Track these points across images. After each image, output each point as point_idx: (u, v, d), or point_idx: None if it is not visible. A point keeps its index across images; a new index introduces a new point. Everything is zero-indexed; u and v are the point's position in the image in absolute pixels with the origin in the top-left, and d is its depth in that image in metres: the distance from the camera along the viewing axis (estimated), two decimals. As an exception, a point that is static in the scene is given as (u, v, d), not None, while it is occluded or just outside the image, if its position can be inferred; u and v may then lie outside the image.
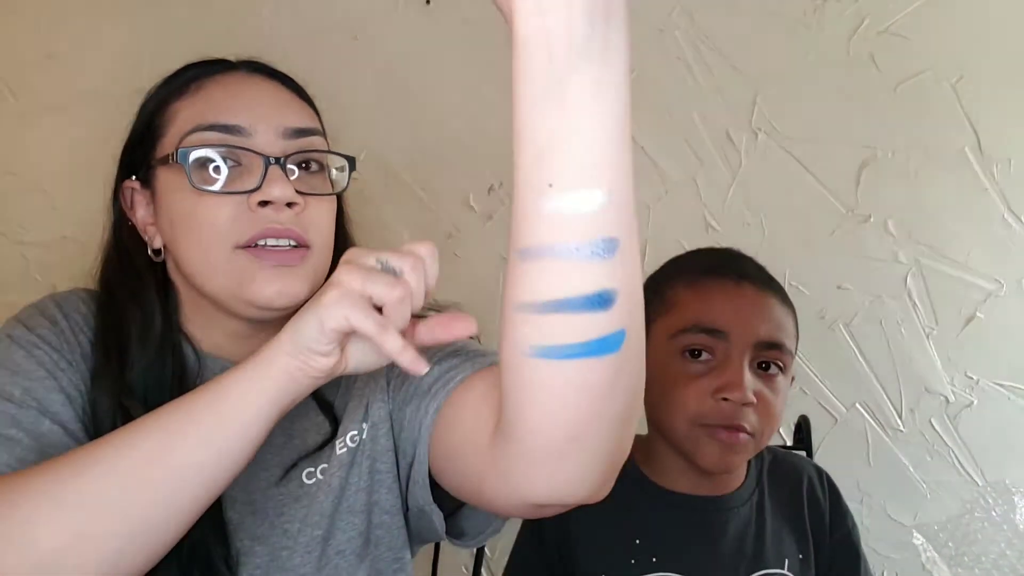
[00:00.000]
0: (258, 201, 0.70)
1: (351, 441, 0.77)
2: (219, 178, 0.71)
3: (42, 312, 0.75)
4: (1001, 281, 1.30)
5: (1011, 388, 1.31)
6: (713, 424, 0.85)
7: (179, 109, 0.75)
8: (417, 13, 1.35)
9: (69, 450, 0.63)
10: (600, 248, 0.44)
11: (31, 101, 1.35)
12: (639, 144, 1.33)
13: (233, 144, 0.71)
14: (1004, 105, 1.29)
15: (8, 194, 1.36)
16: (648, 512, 0.91)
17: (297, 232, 0.72)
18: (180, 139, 0.73)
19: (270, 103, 0.76)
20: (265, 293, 0.71)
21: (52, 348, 0.71)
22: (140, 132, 0.79)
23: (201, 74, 0.77)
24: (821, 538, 0.95)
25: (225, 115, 0.73)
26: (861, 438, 1.33)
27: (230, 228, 0.70)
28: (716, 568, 0.89)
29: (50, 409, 0.68)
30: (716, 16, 1.32)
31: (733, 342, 0.85)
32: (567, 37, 0.44)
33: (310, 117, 0.79)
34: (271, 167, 0.71)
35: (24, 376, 0.69)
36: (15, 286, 1.35)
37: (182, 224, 0.72)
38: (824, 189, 1.31)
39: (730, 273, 0.88)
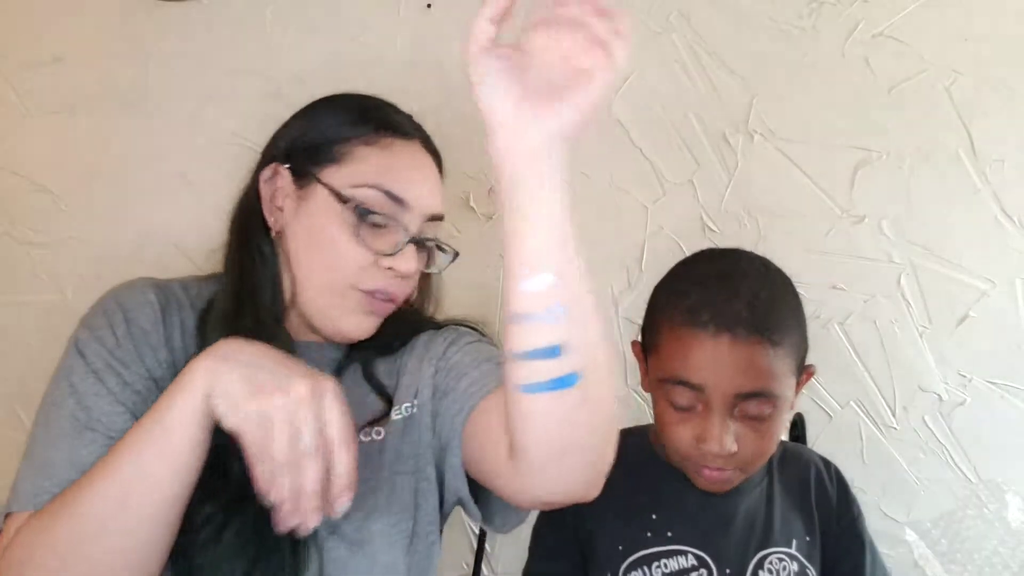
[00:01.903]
0: (388, 265, 0.84)
1: (405, 411, 0.87)
2: (369, 231, 0.83)
3: (104, 310, 0.81)
4: (994, 281, 1.32)
5: (1003, 386, 1.32)
6: (699, 464, 0.89)
7: (365, 155, 0.85)
8: (418, 14, 1.36)
9: None
10: (553, 315, 0.60)
11: (37, 103, 1.37)
12: (637, 146, 1.34)
13: (393, 215, 0.84)
14: (997, 107, 1.30)
15: (14, 195, 1.37)
16: (664, 489, 0.94)
17: (398, 295, 0.86)
18: (356, 183, 0.84)
19: (429, 186, 0.89)
20: (351, 329, 0.85)
21: (106, 348, 0.78)
22: (316, 142, 0.87)
23: (392, 131, 0.88)
24: (828, 524, 0.98)
25: (400, 187, 0.84)
26: (855, 435, 1.34)
27: (357, 273, 0.83)
28: (728, 545, 0.92)
29: (101, 420, 0.75)
30: (712, 19, 1.33)
31: (710, 396, 0.85)
32: (519, 158, 0.60)
33: (443, 201, 0.91)
34: (410, 245, 0.85)
35: (84, 395, 0.76)
36: (22, 286, 1.37)
37: (320, 244, 0.84)
38: (819, 190, 1.33)
39: (709, 324, 0.84)
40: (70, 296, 1.37)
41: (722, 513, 0.93)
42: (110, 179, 1.36)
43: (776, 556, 0.93)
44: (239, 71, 1.35)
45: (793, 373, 0.88)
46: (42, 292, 1.37)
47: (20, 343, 1.34)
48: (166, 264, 1.34)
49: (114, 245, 1.35)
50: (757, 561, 0.92)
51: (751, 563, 0.91)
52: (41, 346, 0.86)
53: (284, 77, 1.35)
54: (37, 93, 1.37)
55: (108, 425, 0.75)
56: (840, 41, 1.32)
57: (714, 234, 1.34)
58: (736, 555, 0.91)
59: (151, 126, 1.37)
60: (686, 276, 0.93)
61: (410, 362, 0.91)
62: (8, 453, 1.11)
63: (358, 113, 0.88)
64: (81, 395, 0.76)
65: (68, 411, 0.75)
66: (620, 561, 0.91)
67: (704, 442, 0.85)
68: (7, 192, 1.37)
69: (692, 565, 0.90)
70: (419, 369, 0.89)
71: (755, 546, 0.93)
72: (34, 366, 0.85)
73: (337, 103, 0.91)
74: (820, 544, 0.97)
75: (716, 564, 0.91)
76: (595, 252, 1.37)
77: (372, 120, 0.88)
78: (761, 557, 0.92)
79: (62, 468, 0.72)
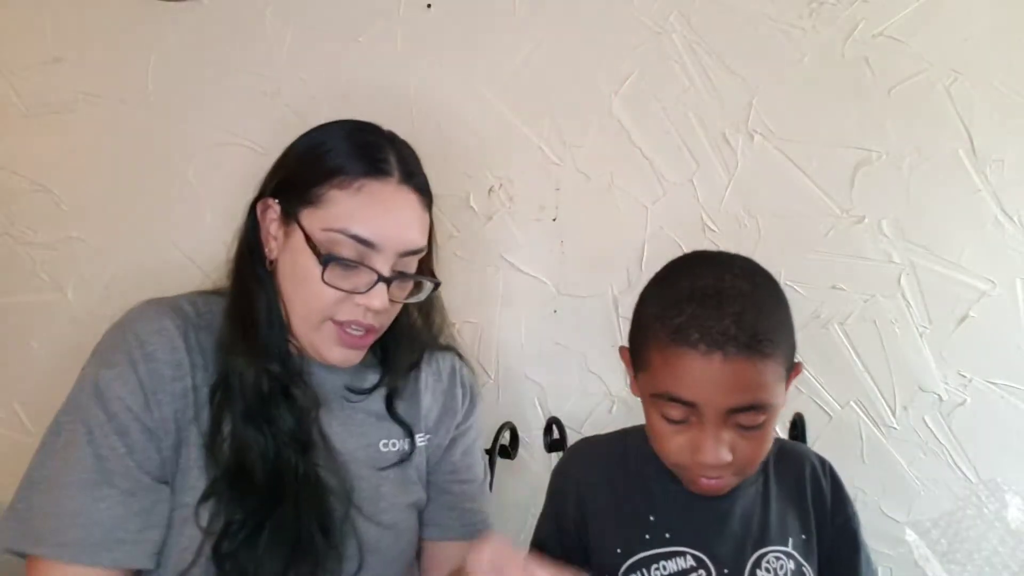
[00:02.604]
0: (359, 302, 0.88)
1: (418, 440, 1.01)
2: (340, 273, 0.87)
3: (124, 345, 0.85)
4: (994, 281, 1.32)
5: (1004, 386, 1.32)
6: (694, 474, 0.88)
7: (337, 199, 0.89)
8: (418, 15, 1.36)
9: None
10: None
11: (38, 103, 1.37)
12: (636, 146, 1.34)
13: (359, 259, 0.88)
14: (997, 107, 1.30)
15: (15, 195, 1.37)
16: (661, 491, 0.94)
17: (375, 326, 0.92)
18: (326, 228, 0.88)
19: (403, 223, 0.92)
20: (332, 358, 0.91)
21: (128, 392, 0.83)
22: (299, 182, 0.91)
23: (366, 172, 0.90)
24: (823, 522, 0.97)
25: (368, 230, 0.88)
26: (855, 435, 1.34)
27: (331, 306, 0.89)
28: (726, 544, 0.92)
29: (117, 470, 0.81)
30: (712, 19, 1.33)
31: (703, 412, 0.84)
32: None
33: (425, 233, 0.96)
34: (379, 283, 0.89)
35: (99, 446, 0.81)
36: (23, 286, 1.37)
37: (299, 279, 0.89)
38: (819, 190, 1.33)
39: (699, 343, 0.83)
40: (70, 296, 1.37)
41: (719, 513, 0.93)
42: (110, 179, 1.37)
43: (773, 555, 0.93)
44: (239, 71, 1.36)
45: (783, 378, 0.87)
46: (42, 292, 1.37)
47: (20, 343, 1.34)
48: (166, 263, 1.34)
49: (114, 245, 1.35)
50: (755, 560, 0.92)
51: (749, 562, 0.91)
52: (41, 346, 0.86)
53: (284, 77, 1.36)
54: (37, 93, 1.37)
55: (123, 481, 0.81)
56: (840, 41, 1.32)
57: (714, 234, 1.34)
58: (734, 555, 0.91)
59: (151, 126, 1.37)
60: (672, 290, 0.90)
61: (428, 391, 1.04)
62: (8, 453, 1.12)
63: (340, 156, 0.91)
64: (99, 446, 0.81)
65: (88, 461, 0.80)
66: (619, 564, 0.91)
67: (698, 454, 0.85)
68: (7, 192, 1.37)
69: (691, 566, 0.90)
70: (438, 412, 1.04)
71: (752, 545, 0.93)
72: (34, 366, 0.85)
73: (326, 140, 0.93)
74: (816, 544, 0.97)
75: (714, 564, 0.91)
76: (595, 252, 1.38)
77: (350, 162, 0.91)
78: (759, 556, 0.92)
79: (83, 525, 0.79)
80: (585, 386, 1.37)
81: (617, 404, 1.37)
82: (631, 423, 1.06)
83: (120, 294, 0.94)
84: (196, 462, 0.85)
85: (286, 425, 0.87)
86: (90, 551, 0.79)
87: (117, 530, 0.80)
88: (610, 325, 1.36)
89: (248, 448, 0.85)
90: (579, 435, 1.35)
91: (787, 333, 0.89)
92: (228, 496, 0.83)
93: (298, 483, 0.86)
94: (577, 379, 1.37)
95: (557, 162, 1.36)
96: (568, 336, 1.37)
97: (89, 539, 0.79)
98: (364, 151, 0.92)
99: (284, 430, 0.87)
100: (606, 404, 1.37)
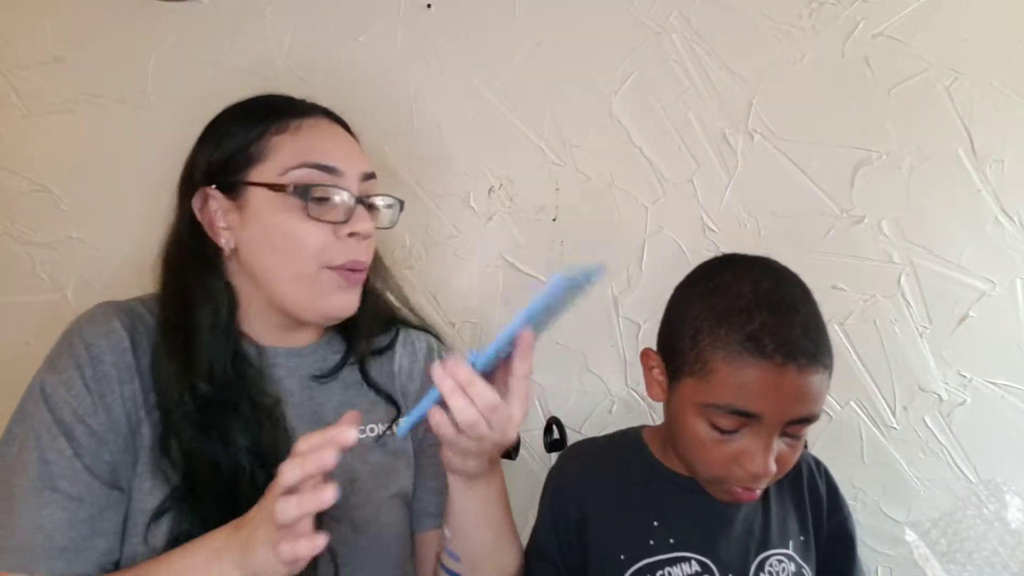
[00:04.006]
0: (347, 232, 0.86)
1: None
2: (318, 208, 0.85)
3: (71, 349, 0.83)
4: (994, 281, 1.32)
5: (1003, 387, 1.32)
6: (731, 484, 0.87)
7: (281, 144, 0.87)
8: (418, 15, 1.36)
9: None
10: None
11: (38, 103, 1.37)
12: (636, 146, 1.34)
13: (331, 183, 0.87)
14: (997, 107, 1.30)
15: (14, 195, 1.37)
16: (665, 496, 0.94)
17: (367, 260, 0.90)
18: (285, 170, 0.86)
19: (350, 150, 0.92)
20: (336, 309, 0.89)
21: (74, 396, 0.80)
22: (232, 152, 0.89)
23: (296, 115, 0.90)
24: (819, 523, 0.98)
25: (325, 157, 0.87)
26: (855, 435, 1.34)
27: (321, 252, 0.86)
28: (729, 549, 0.92)
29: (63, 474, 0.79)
30: (713, 19, 1.33)
31: (766, 424, 0.82)
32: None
33: (367, 158, 0.94)
34: (358, 206, 0.88)
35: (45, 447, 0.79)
36: (22, 286, 1.37)
37: (276, 240, 0.86)
38: (819, 190, 1.33)
39: (775, 352, 0.80)
40: (70, 296, 1.37)
41: (722, 517, 0.93)
42: (110, 179, 1.36)
43: (776, 558, 0.93)
44: (239, 71, 1.35)
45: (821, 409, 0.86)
46: (42, 292, 1.37)
47: (19, 343, 1.34)
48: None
49: (114, 245, 1.35)
50: (758, 564, 0.92)
51: (752, 566, 0.91)
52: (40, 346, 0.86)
53: (284, 77, 1.35)
54: (37, 93, 1.37)
55: (69, 485, 0.78)
56: (840, 41, 1.32)
57: (714, 234, 1.34)
58: (738, 559, 0.91)
59: (151, 126, 1.37)
60: (730, 295, 0.86)
61: (405, 366, 1.01)
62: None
63: (257, 112, 0.91)
64: (45, 449, 0.78)
65: (34, 467, 0.78)
66: (622, 570, 0.91)
67: (749, 463, 0.83)
68: (7, 192, 1.37)
69: (696, 571, 0.90)
70: (415, 392, 1.00)
71: (755, 549, 0.93)
72: (33, 366, 0.85)
73: (232, 114, 0.93)
74: (814, 545, 0.97)
75: (719, 569, 0.91)
76: (594, 252, 1.38)
77: (272, 113, 0.90)
78: (762, 559, 0.92)
79: (26, 531, 0.76)
80: (585, 386, 1.37)
81: (617, 404, 1.36)
82: (631, 423, 1.06)
83: (120, 295, 0.93)
84: (148, 467, 0.81)
85: (240, 433, 0.83)
86: (27, 559, 0.75)
87: (59, 537, 0.76)
88: (610, 325, 1.36)
89: (198, 460, 0.81)
90: (579, 435, 1.35)
91: (830, 372, 0.87)
92: (180, 509, 0.79)
93: (255, 492, 0.78)
94: (577, 379, 1.37)
95: (557, 162, 1.36)
96: (568, 336, 1.37)
97: (29, 546, 0.75)
98: (278, 103, 0.93)
99: (238, 438, 0.83)
100: (606, 404, 1.37)
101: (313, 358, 0.95)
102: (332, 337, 0.98)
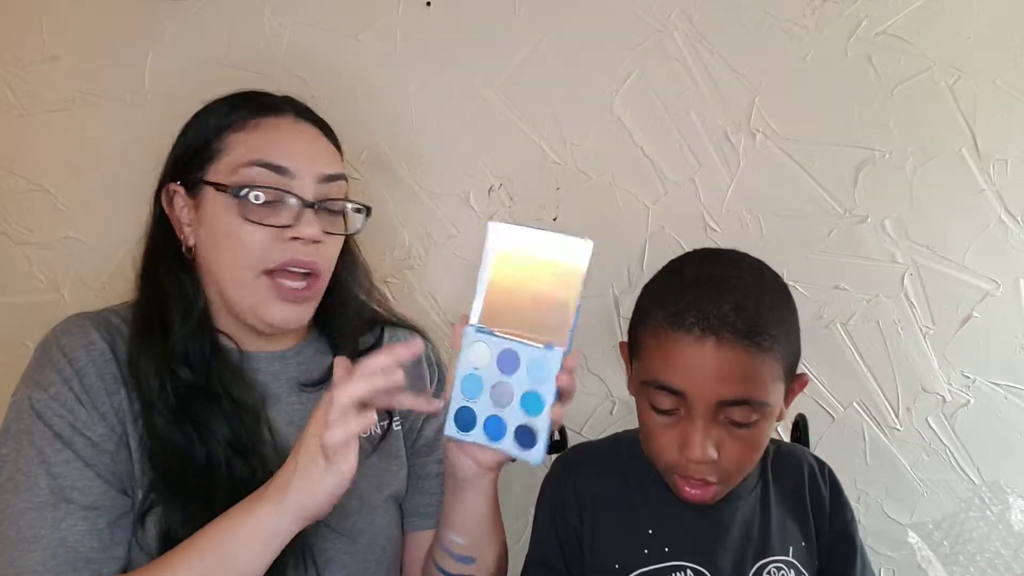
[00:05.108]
0: (291, 236, 0.83)
1: (395, 426, 0.97)
2: (261, 209, 0.83)
3: (53, 364, 0.81)
4: (998, 281, 1.31)
5: (1007, 387, 1.32)
6: (682, 474, 0.86)
7: (237, 141, 0.86)
8: (418, 13, 1.35)
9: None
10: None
11: (34, 102, 1.36)
12: (637, 145, 1.33)
13: (277, 186, 0.84)
14: (1001, 106, 1.29)
15: (11, 194, 1.36)
16: (659, 504, 0.92)
17: (317, 263, 0.86)
18: (235, 168, 0.84)
19: (311, 151, 0.88)
20: (275, 317, 0.85)
21: (67, 410, 0.79)
22: (195, 148, 0.88)
23: (259, 112, 0.88)
24: (822, 526, 0.96)
25: (276, 157, 0.85)
26: (858, 437, 1.34)
27: (262, 254, 0.83)
28: (726, 556, 0.90)
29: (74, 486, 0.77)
30: (715, 18, 1.32)
31: (691, 402, 0.82)
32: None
33: (339, 163, 0.92)
34: (306, 210, 0.84)
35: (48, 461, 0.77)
36: (18, 286, 1.36)
37: (223, 241, 0.84)
38: (822, 190, 1.32)
39: (694, 326, 0.81)
40: (67, 296, 1.36)
41: (718, 523, 0.91)
42: (107, 178, 1.36)
43: (775, 565, 0.91)
44: (237, 69, 1.34)
45: (781, 379, 0.85)
46: (39, 292, 1.36)
47: (16, 344, 1.33)
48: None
49: (111, 245, 1.34)
50: (755, 572, 0.90)
51: (749, 574, 0.90)
52: (37, 347, 0.87)
53: (282, 76, 1.35)
54: (34, 92, 1.36)
55: (82, 496, 0.77)
56: (843, 39, 1.31)
57: (716, 233, 1.33)
58: (735, 567, 0.90)
59: (149, 125, 1.36)
60: (674, 277, 0.90)
61: None
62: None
63: (225, 108, 0.89)
64: (52, 464, 0.77)
65: (42, 484, 0.76)
66: None
67: (684, 447, 0.83)
68: (4, 191, 1.36)
69: None
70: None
71: (753, 556, 0.91)
72: (29, 367, 0.84)
73: (206, 108, 0.92)
74: (817, 550, 0.95)
75: None
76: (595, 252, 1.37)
77: (238, 109, 0.89)
78: (759, 567, 0.91)
79: (47, 547, 0.74)
80: (585, 387, 1.36)
81: (618, 405, 1.36)
82: (632, 425, 1.05)
83: (116, 295, 0.93)
84: (141, 473, 0.80)
85: (219, 425, 0.82)
86: (55, 574, 0.74)
87: (82, 548, 0.75)
88: (610, 325, 1.36)
89: (171, 450, 0.79)
90: (579, 435, 1.34)
91: (789, 332, 0.87)
92: (162, 505, 0.78)
93: (233, 485, 0.79)
94: (578, 380, 1.36)
95: (557, 161, 1.35)
96: (569, 337, 1.36)
97: (53, 561, 0.74)
98: (248, 99, 0.90)
99: (217, 430, 0.81)
100: (607, 405, 1.36)
101: (297, 361, 0.93)
102: (315, 338, 0.97)
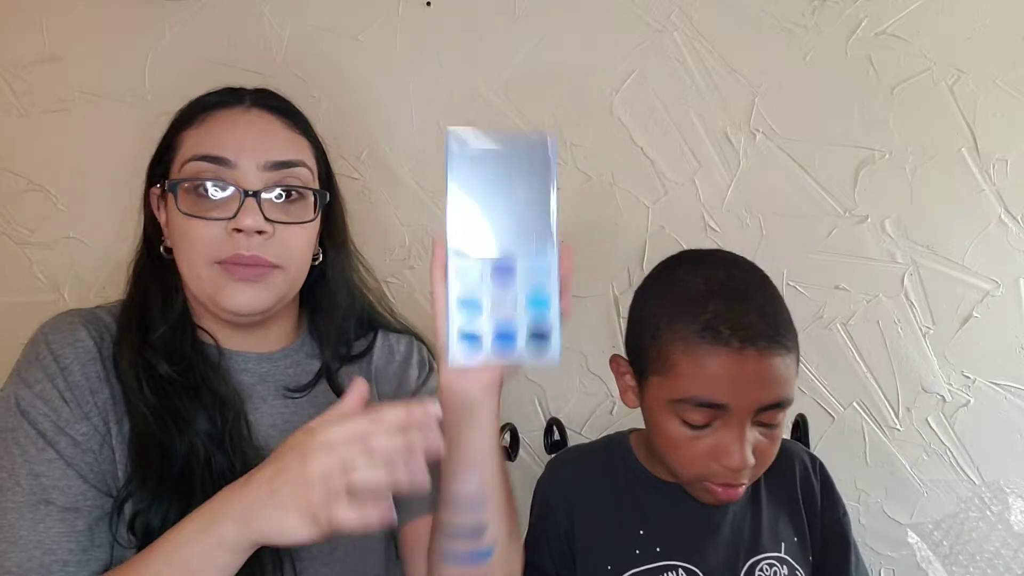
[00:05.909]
0: (232, 228, 0.81)
1: None
2: (206, 203, 0.82)
3: (39, 361, 0.82)
4: (998, 281, 1.31)
5: (1007, 387, 1.32)
6: (712, 481, 0.85)
7: (186, 138, 0.87)
8: (418, 14, 1.35)
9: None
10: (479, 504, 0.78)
11: (34, 102, 1.36)
12: (637, 145, 1.33)
13: (217, 177, 0.83)
14: (1001, 106, 1.30)
15: (11, 194, 1.36)
16: (650, 504, 0.92)
17: (262, 258, 0.83)
18: (181, 166, 0.85)
19: (257, 138, 0.86)
20: (235, 304, 0.83)
21: (52, 408, 0.79)
22: (160, 150, 0.90)
23: (209, 106, 0.88)
24: (814, 521, 0.96)
25: (215, 148, 0.84)
26: (858, 437, 1.34)
27: (209, 248, 0.83)
28: (718, 554, 0.90)
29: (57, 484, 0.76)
30: (715, 18, 1.32)
31: (733, 413, 0.81)
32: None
33: (296, 150, 0.88)
34: (247, 199, 0.82)
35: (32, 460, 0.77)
36: (18, 287, 1.36)
37: (177, 238, 0.85)
38: (822, 190, 1.32)
39: (732, 338, 0.80)
40: (67, 296, 1.36)
41: (709, 522, 0.91)
42: (108, 178, 1.35)
43: (766, 562, 0.91)
44: (237, 69, 1.34)
45: (793, 394, 0.85)
46: (38, 292, 1.36)
47: (16, 344, 1.33)
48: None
49: (111, 245, 1.34)
50: (747, 569, 0.90)
51: (742, 571, 0.90)
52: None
53: (283, 76, 1.34)
54: (34, 92, 1.36)
55: (63, 496, 0.76)
56: (843, 39, 1.31)
57: (716, 234, 1.33)
58: (726, 565, 0.89)
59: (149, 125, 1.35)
60: (685, 288, 0.87)
61: (380, 367, 0.96)
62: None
63: (187, 108, 0.90)
64: (35, 462, 0.76)
65: (23, 483, 0.75)
66: None
67: (724, 457, 0.82)
68: (4, 191, 1.36)
69: None
70: (390, 396, 0.94)
71: (744, 554, 0.91)
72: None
73: (182, 110, 0.91)
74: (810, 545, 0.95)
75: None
76: (596, 252, 1.37)
77: (194, 106, 0.89)
78: (751, 565, 0.90)
79: (23, 548, 0.74)
80: (585, 387, 1.36)
81: (618, 405, 1.36)
82: (632, 425, 1.05)
83: (116, 295, 0.93)
84: (125, 474, 0.79)
85: (199, 418, 0.81)
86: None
87: (60, 551, 0.74)
88: (611, 325, 1.36)
89: (148, 442, 0.79)
90: (580, 436, 1.34)
91: (796, 357, 0.87)
92: (137, 498, 0.77)
93: (211, 477, 0.77)
94: (577, 380, 1.36)
95: (558, 161, 1.35)
96: (568, 336, 1.35)
97: (29, 563, 0.73)
98: (209, 97, 0.90)
99: (196, 423, 0.81)
100: (607, 405, 1.36)
101: (285, 363, 0.92)
102: (306, 341, 0.95)
